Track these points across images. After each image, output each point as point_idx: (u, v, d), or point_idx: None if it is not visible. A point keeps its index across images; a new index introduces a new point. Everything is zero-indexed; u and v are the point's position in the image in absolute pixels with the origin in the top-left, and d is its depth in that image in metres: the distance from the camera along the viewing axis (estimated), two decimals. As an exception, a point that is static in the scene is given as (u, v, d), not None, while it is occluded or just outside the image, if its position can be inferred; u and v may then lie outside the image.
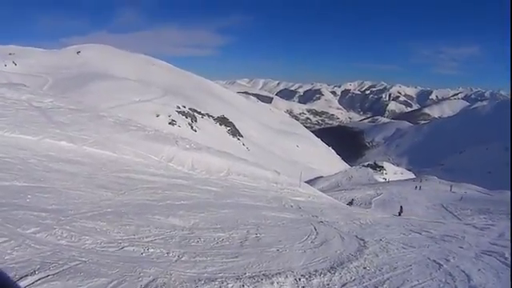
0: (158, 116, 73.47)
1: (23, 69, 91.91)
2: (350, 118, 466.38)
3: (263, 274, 6.68)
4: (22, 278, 4.69)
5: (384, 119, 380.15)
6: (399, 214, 28.21)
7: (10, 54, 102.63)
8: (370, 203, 36.07)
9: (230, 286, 5.96)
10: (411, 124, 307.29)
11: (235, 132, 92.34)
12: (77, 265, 5.49)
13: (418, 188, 50.47)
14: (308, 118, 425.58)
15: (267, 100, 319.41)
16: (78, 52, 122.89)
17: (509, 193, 39.78)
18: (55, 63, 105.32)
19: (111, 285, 5.12)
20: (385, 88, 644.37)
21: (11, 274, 4.73)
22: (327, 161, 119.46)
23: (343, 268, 7.79)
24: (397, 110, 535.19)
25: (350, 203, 30.30)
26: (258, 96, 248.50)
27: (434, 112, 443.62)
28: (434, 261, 9.39)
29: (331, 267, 7.75)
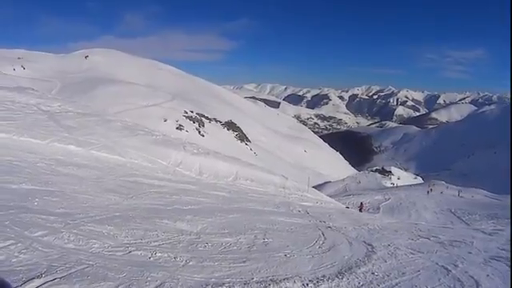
0: (165, 121, 73.43)
1: (32, 73, 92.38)
2: (357, 123, 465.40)
3: (271, 279, 6.64)
4: (28, 280, 4.69)
5: (392, 124, 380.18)
6: (360, 210, 28.59)
7: (18, 58, 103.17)
8: (378, 208, 35.87)
9: (237, 291, 5.93)
10: (419, 128, 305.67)
11: (243, 137, 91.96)
12: (84, 268, 5.49)
13: (428, 192, 50.23)
14: (316, 123, 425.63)
15: (275, 105, 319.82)
16: (86, 56, 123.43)
17: None
18: (63, 67, 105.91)
19: (118, 289, 5.10)
20: (392, 93, 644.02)
21: (18, 277, 4.72)
22: (335, 166, 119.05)
23: (351, 273, 7.72)
24: (405, 115, 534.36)
25: (360, 209, 30.24)
26: (265, 101, 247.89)
27: (442, 116, 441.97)
28: (443, 266, 9.29)
29: (339, 272, 7.69)
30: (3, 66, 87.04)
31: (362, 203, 33.44)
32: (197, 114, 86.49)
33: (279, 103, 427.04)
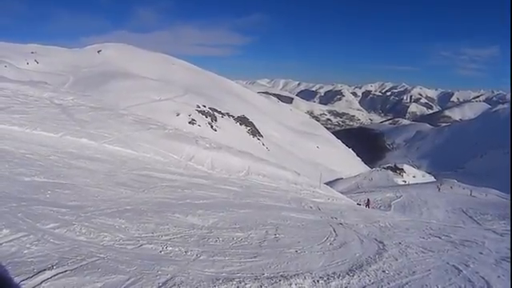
0: (178, 115, 73.63)
1: (45, 67, 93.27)
2: (370, 120, 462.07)
3: (281, 275, 6.60)
4: (39, 272, 4.70)
5: (405, 121, 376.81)
6: (367, 206, 28.48)
7: (32, 52, 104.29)
8: (390, 206, 35.69)
9: (247, 286, 5.89)
10: (432, 126, 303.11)
11: (255, 132, 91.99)
12: (95, 261, 5.50)
13: (438, 190, 49.94)
14: (328, 119, 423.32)
15: (288, 100, 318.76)
16: (99, 51, 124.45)
17: None
18: (76, 62, 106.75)
19: (129, 282, 5.10)
20: (406, 90, 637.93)
21: (29, 268, 4.74)
22: (347, 162, 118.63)
23: (362, 271, 7.66)
24: (418, 112, 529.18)
25: (367, 205, 30.24)
26: (278, 96, 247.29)
27: (455, 114, 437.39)
28: (454, 266, 9.19)
29: (350, 270, 7.63)
30: (17, 60, 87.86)
31: (368, 199, 33.94)
32: (209, 108, 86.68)
33: (292, 99, 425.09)
